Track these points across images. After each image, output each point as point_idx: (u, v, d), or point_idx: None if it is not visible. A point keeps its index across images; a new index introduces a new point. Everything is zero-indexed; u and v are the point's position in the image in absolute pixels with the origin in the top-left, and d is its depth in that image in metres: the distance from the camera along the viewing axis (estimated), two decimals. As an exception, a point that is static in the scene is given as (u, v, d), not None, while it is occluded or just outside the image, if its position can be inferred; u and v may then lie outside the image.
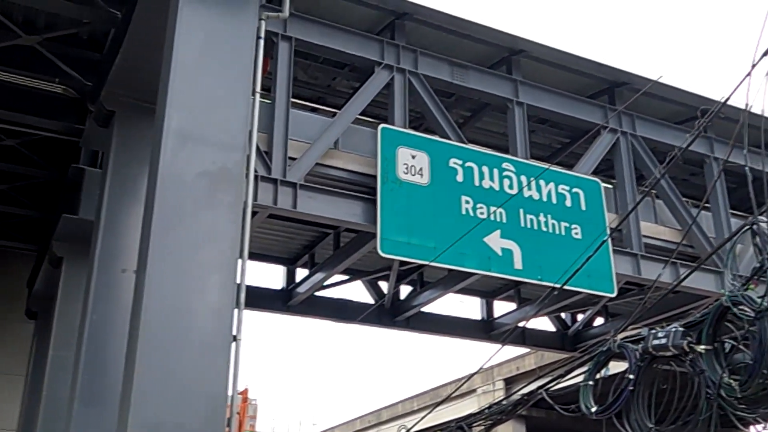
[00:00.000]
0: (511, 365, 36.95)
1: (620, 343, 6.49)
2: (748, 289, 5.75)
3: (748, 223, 5.63)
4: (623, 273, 13.79)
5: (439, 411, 21.47)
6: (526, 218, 12.96)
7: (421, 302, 15.81)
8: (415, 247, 11.83)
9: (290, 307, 15.61)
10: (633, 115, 14.72)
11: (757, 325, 5.40)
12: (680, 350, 5.97)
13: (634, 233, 14.24)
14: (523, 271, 12.68)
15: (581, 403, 6.69)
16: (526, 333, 18.07)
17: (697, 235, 14.44)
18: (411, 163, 12.17)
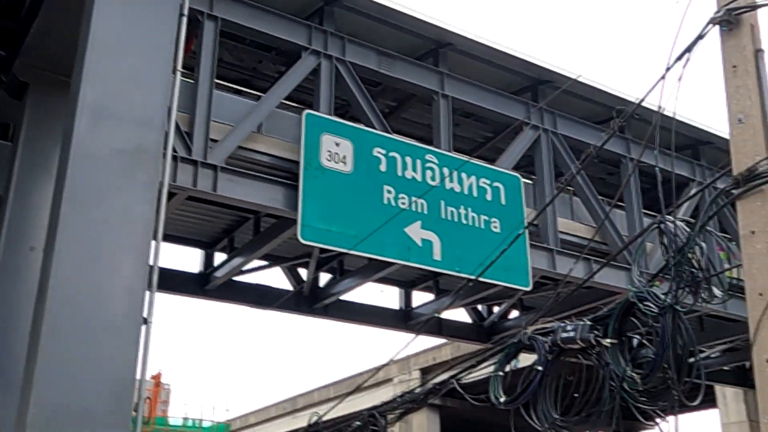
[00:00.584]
0: (428, 355, 37.38)
1: (530, 335, 6.62)
2: (654, 286, 5.93)
3: (656, 222, 5.80)
4: (539, 267, 14.06)
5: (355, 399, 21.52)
6: (447, 210, 13.07)
7: (340, 290, 15.81)
8: (335, 235, 11.80)
9: (207, 292, 15.38)
10: (555, 112, 15.00)
11: (661, 321, 5.57)
12: (587, 343, 6.12)
13: (551, 229, 14.53)
14: (441, 262, 12.81)
15: (491, 394, 6.79)
16: (443, 324, 18.28)
17: (611, 232, 14.84)
18: (335, 151, 12.13)
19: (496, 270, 12.62)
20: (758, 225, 5.28)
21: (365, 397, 25.72)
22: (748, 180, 5.20)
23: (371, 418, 9.21)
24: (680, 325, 5.54)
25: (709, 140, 16.86)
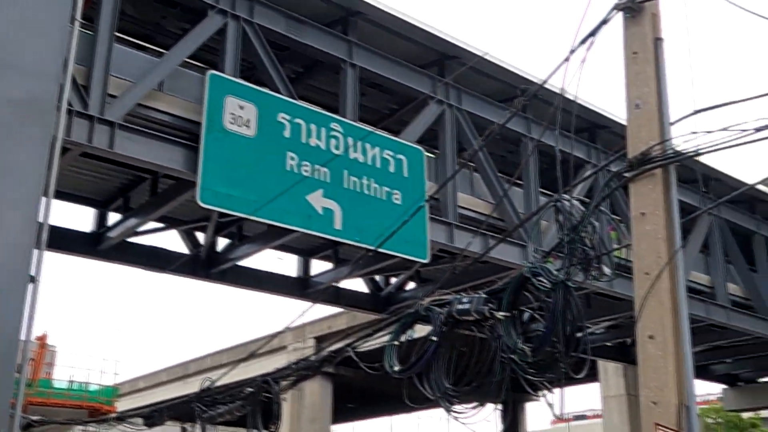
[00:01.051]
0: (323, 324, 37.52)
1: (427, 306, 6.69)
2: (548, 262, 6.09)
3: (553, 201, 5.95)
4: (437, 241, 14.26)
5: (248, 366, 21.39)
6: (350, 180, 13.07)
7: (238, 255, 15.60)
8: (235, 200, 11.63)
9: (100, 252, 14.90)
10: (460, 88, 15.16)
11: (552, 297, 5.73)
12: (481, 316, 6.23)
13: (451, 203, 14.74)
14: (342, 231, 12.82)
15: (385, 362, 6.84)
16: (341, 293, 18.34)
17: (508, 209, 15.17)
18: (238, 114, 11.91)
19: (396, 241, 12.72)
20: (648, 207, 5.49)
21: (259, 364, 25.63)
22: (641, 163, 5.39)
23: (264, 384, 9.16)
24: (570, 301, 5.71)
25: (605, 124, 17.42)
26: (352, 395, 47.81)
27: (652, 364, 5.11)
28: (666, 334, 5.13)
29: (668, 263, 5.27)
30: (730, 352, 27.94)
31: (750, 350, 26.89)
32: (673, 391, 5.02)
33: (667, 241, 5.36)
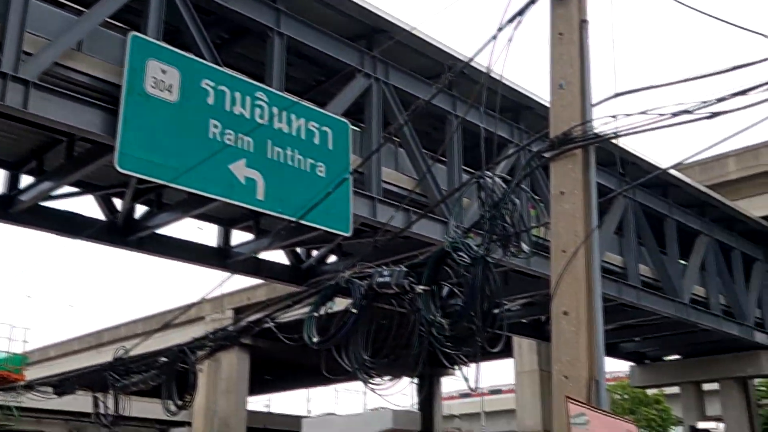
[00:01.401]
0: (243, 295, 37.27)
1: (348, 278, 6.70)
2: (469, 238, 6.16)
3: (476, 177, 6.01)
4: (360, 214, 14.27)
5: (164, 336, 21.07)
6: (274, 150, 12.92)
7: (156, 223, 15.28)
8: (155, 166, 11.37)
9: (10, 215, 14.37)
10: (388, 63, 15.12)
11: (472, 272, 5.82)
12: (401, 289, 6.28)
13: (375, 177, 14.76)
14: (264, 202, 12.69)
15: (304, 333, 6.84)
16: (261, 264, 18.20)
17: (432, 185, 15.29)
18: (160, 78, 11.61)
19: (318, 214, 12.68)
20: (568, 186, 5.60)
21: (176, 334, 25.27)
22: (562, 143, 5.48)
23: (180, 354, 9.05)
24: (489, 277, 5.81)
25: (529, 105, 17.67)
26: (270, 367, 47.74)
27: (566, 339, 5.24)
28: (580, 311, 5.27)
29: (584, 241, 5.40)
30: (639, 331, 28.99)
31: (657, 330, 27.95)
32: (585, 365, 5.16)
33: (585, 221, 5.49)
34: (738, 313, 27.68)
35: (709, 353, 30.71)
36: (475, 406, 78.00)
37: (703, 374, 31.76)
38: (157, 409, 10.51)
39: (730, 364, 30.54)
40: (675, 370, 32.89)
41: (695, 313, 25.53)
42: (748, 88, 4.79)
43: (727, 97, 4.85)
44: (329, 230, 13.69)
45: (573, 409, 4.67)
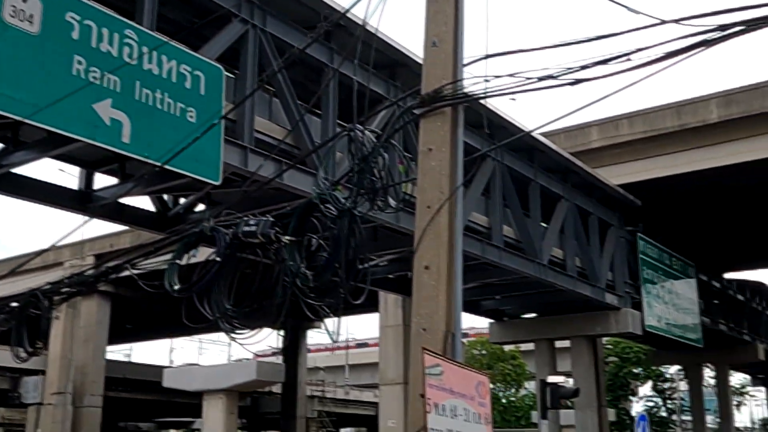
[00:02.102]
0: (105, 242, 36.03)
1: (213, 226, 6.59)
2: (337, 191, 6.17)
3: (346, 130, 6.01)
4: (230, 163, 14.02)
5: (21, 281, 20.15)
6: (142, 92, 12.44)
7: (13, 162, 14.42)
8: (12, 101, 10.72)
9: None
10: (265, 10, 14.79)
11: (338, 224, 5.84)
12: (267, 239, 6.24)
13: (247, 126, 14.50)
14: (130, 145, 12.23)
15: (165, 281, 6.70)
16: (125, 210, 17.60)
17: (305, 137, 15.18)
18: (20, 7, 10.89)
19: (187, 160, 12.36)
20: (436, 143, 5.69)
21: (32, 279, 24.23)
22: (432, 101, 5.55)
23: (32, 299, 8.67)
24: (355, 230, 5.85)
25: (406, 62, 17.76)
26: (132, 316, 46.62)
27: (425, 293, 5.36)
28: (441, 265, 5.40)
29: (449, 198, 5.51)
30: (499, 289, 30.09)
31: (516, 289, 29.11)
32: (443, 319, 5.31)
33: (450, 178, 5.60)
34: (591, 275, 29.21)
35: (562, 312, 32.32)
36: (340, 359, 79.25)
37: (557, 332, 33.44)
38: (7, 357, 10.07)
39: (582, 323, 32.27)
40: (531, 328, 34.46)
41: (553, 273, 26.76)
42: (609, 58, 4.99)
43: (589, 65, 5.04)
44: (197, 177, 13.36)
45: (428, 360, 4.81)
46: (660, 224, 34.89)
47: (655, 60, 4.92)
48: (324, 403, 61.23)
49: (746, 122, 29.43)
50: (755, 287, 48.05)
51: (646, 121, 31.63)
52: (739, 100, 29.54)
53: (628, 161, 31.88)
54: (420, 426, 4.83)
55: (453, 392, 5.07)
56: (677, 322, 35.98)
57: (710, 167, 30.43)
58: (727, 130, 29.81)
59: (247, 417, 63.40)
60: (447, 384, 4.99)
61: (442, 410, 4.91)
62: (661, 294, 34.28)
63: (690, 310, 37.53)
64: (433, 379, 4.82)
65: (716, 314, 41.45)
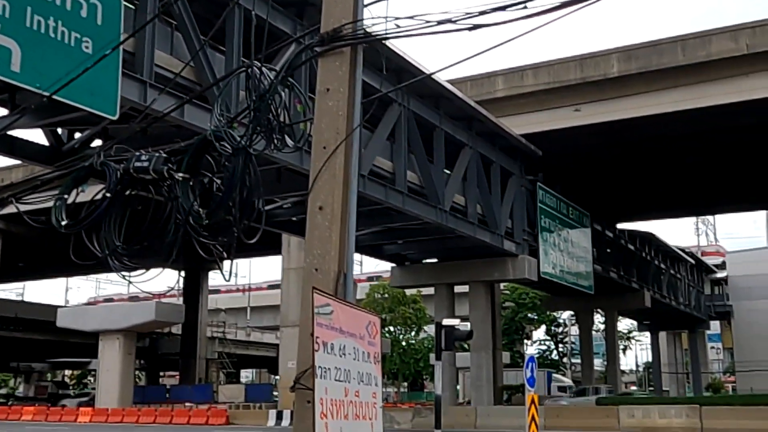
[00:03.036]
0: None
1: (103, 160, 6.37)
2: (234, 128, 6.04)
3: (244, 66, 5.87)
4: (129, 98, 13.58)
5: None
6: (34, 19, 11.81)
7: None
8: None
9: None
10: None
11: (233, 162, 5.74)
12: (160, 175, 6.08)
13: (147, 60, 14.02)
14: (20, 74, 11.65)
15: (52, 216, 6.46)
16: (16, 143, 16.85)
17: (206, 72, 14.80)
18: None
19: (82, 93, 11.89)
20: (334, 83, 5.63)
21: None
22: (332, 40, 5.47)
23: None
24: (250, 168, 5.76)
25: (313, 1, 17.45)
26: (24, 253, 45.09)
27: (319, 233, 5.36)
28: (335, 206, 5.39)
29: (345, 139, 5.49)
30: (402, 234, 30.46)
31: (418, 234, 29.54)
32: (335, 259, 5.33)
33: (347, 119, 5.57)
34: (491, 222, 29.90)
35: (462, 258, 33.02)
36: (242, 300, 78.96)
37: (456, 277, 34.18)
38: None
39: (480, 269, 33.07)
40: (431, 272, 35.11)
41: (454, 220, 27.26)
42: (507, 5, 5.02)
43: (488, 11, 5.06)
44: (93, 111, 12.88)
45: (318, 300, 4.83)
46: (559, 174, 35.90)
47: (551, 9, 4.97)
48: (225, 344, 61.10)
49: (644, 78, 30.38)
50: (645, 237, 50.21)
51: (551, 72, 32.22)
52: (638, 56, 30.41)
53: (531, 112, 32.51)
54: (309, 365, 4.87)
55: (343, 331, 5.12)
56: (571, 269, 37.35)
57: (609, 120, 31.37)
58: (626, 85, 30.70)
59: (146, 358, 62.75)
60: (337, 323, 5.04)
61: (331, 349, 4.97)
62: (557, 242, 35.44)
63: (583, 258, 39.00)
64: (322, 319, 4.85)
65: (608, 262, 43.19)
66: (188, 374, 53.63)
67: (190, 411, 39.40)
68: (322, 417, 4.79)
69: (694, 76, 29.49)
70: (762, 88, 28.57)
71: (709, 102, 29.56)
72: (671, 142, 34.27)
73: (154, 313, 43.66)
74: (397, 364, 64.50)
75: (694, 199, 46.84)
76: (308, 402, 4.94)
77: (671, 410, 29.11)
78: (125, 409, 40.78)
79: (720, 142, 34.67)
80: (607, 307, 51.25)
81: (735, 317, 68.26)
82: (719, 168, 38.95)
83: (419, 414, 33.08)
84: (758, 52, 28.38)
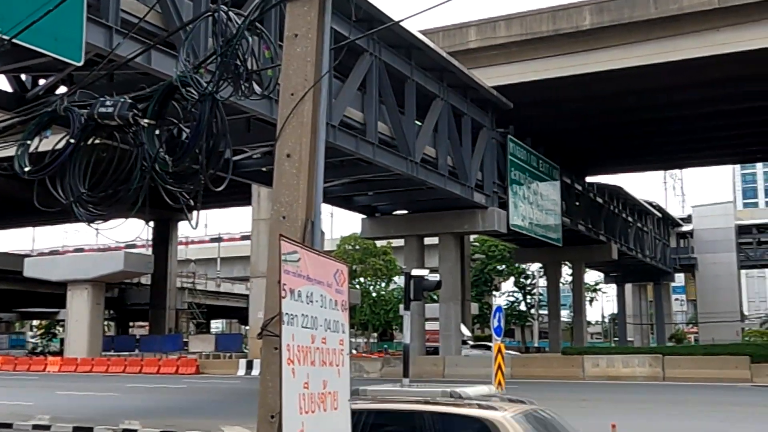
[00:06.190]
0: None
1: (67, 105, 6.23)
2: (200, 74, 5.94)
3: (210, 10, 5.75)
4: (94, 44, 13.30)
5: None
6: (-7, -40, 11.44)
7: None
8: None
9: None
10: None
11: (199, 108, 5.65)
12: (125, 121, 5.96)
13: (113, 5, 13.71)
14: (-21, 17, 11.31)
15: (15, 163, 6.33)
16: (-23, 89, 16.50)
17: (174, 19, 14.53)
18: None
19: (46, 38, 11.62)
20: (302, 29, 5.54)
21: None
22: (300, -16, 5.36)
23: None
24: (217, 115, 5.68)
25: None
26: (-11, 202, 44.49)
27: (286, 181, 5.32)
28: (302, 153, 5.35)
29: (313, 86, 5.43)
30: (372, 185, 30.47)
31: (389, 185, 29.57)
32: (302, 207, 5.30)
33: (316, 66, 5.50)
34: (462, 174, 29.97)
35: (432, 210, 33.16)
36: (213, 251, 78.79)
37: (426, 228, 34.34)
38: None
39: (450, 221, 33.25)
40: (401, 224, 35.23)
41: (424, 171, 27.27)
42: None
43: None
44: (57, 57, 12.59)
45: (286, 247, 4.82)
46: (529, 127, 35.98)
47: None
48: (195, 294, 61.11)
49: (616, 31, 30.35)
50: (613, 191, 50.74)
51: (523, 24, 32.06)
52: (611, 8, 30.33)
53: (503, 63, 32.41)
54: (276, 312, 4.88)
55: (310, 279, 5.13)
56: (540, 221, 37.70)
57: (580, 73, 31.39)
58: (598, 38, 30.67)
59: (115, 308, 62.64)
60: (304, 271, 5.04)
61: (298, 296, 4.97)
62: (526, 195, 35.68)
63: (552, 210, 39.35)
64: (289, 266, 4.85)
65: (576, 215, 43.65)
66: (158, 325, 53.71)
67: (159, 360, 39.56)
68: (288, 363, 4.82)
69: (665, 29, 29.53)
70: (732, 42, 28.70)
71: (680, 56, 29.67)
72: (641, 95, 34.44)
73: (122, 263, 43.47)
74: (367, 314, 65.05)
75: (663, 152, 47.30)
76: (275, 348, 4.96)
77: (635, 360, 29.82)
78: (94, 359, 40.85)
79: (689, 96, 34.92)
80: (575, 260, 51.95)
81: (699, 270, 69.58)
82: (688, 122, 39.30)
83: (388, 363, 33.54)
84: (729, 6, 28.44)
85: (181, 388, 28.73)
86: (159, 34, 14.63)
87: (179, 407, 21.26)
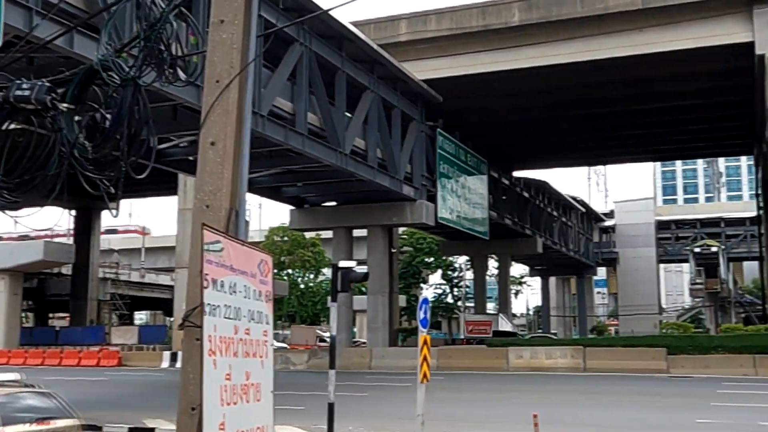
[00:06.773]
0: None
1: (-20, 88, 5.98)
2: (123, 58, 5.78)
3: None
4: (13, 25, 12.84)
5: None
6: None
7: None
8: None
9: None
10: None
11: (121, 93, 5.50)
12: (43, 105, 5.76)
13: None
14: None
15: (-76, 147, 6.06)
16: None
17: (98, 1, 14.14)
18: None
19: (-41, 17, 11.14)
20: (228, 15, 5.45)
21: None
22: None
23: None
24: (140, 101, 5.54)
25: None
26: None
27: (210, 169, 5.23)
28: (227, 142, 5.27)
29: (239, 73, 5.34)
30: (301, 176, 30.31)
31: (318, 176, 29.45)
32: (227, 196, 5.22)
33: (242, 53, 5.41)
34: (391, 167, 30.07)
35: (361, 201, 33.18)
36: (137, 241, 77.16)
37: (354, 220, 34.35)
38: None
39: (379, 213, 33.34)
40: (330, 215, 35.16)
41: (354, 163, 27.26)
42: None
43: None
44: (-28, 38, 12.12)
45: (208, 237, 4.74)
46: (458, 121, 36.32)
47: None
48: (118, 285, 59.72)
49: (544, 28, 30.86)
50: (539, 186, 51.68)
51: (454, 18, 32.31)
52: (539, 6, 30.82)
53: (433, 57, 32.62)
54: (198, 303, 4.79)
55: (233, 269, 5.05)
56: (468, 215, 38.13)
57: (509, 69, 31.82)
58: (526, 34, 31.13)
59: (33, 299, 60.79)
60: (227, 261, 4.96)
61: (221, 286, 4.89)
62: (454, 188, 36.03)
63: (480, 204, 39.85)
64: (212, 256, 4.77)
65: (503, 209, 44.30)
66: (79, 316, 52.32)
67: (80, 353, 38.57)
68: (210, 354, 4.74)
69: (591, 28, 30.17)
70: (654, 43, 29.52)
71: (604, 54, 30.36)
72: (567, 92, 35.12)
73: (42, 252, 42.23)
74: (295, 306, 64.76)
75: (587, 149, 48.38)
76: (197, 339, 4.87)
77: (557, 351, 30.46)
78: (11, 351, 39.57)
79: (612, 94, 35.77)
80: (501, 253, 52.72)
81: (620, 264, 71.52)
82: (609, 120, 40.26)
83: (315, 355, 33.44)
84: (652, 7, 29.23)
85: (103, 381, 28.10)
86: (81, 16, 14.22)
87: (100, 400, 20.77)
